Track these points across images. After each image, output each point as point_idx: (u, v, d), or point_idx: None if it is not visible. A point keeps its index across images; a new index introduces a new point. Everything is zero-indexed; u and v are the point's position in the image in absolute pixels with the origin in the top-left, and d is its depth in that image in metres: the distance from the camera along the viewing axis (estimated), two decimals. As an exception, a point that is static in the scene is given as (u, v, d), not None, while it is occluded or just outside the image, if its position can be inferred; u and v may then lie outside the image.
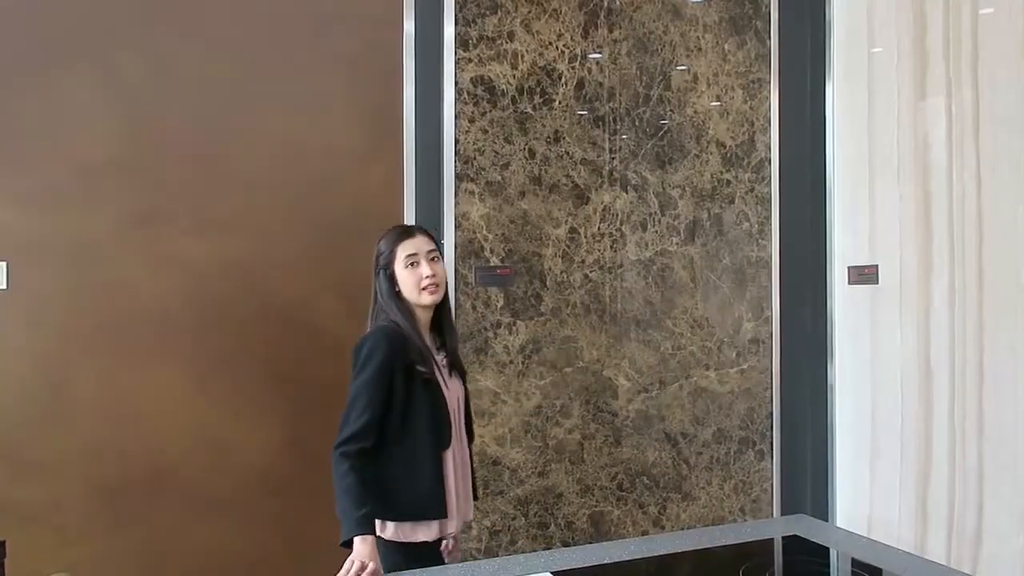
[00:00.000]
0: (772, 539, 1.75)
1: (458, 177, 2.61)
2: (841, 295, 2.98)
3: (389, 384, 1.74)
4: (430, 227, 2.58)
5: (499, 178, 2.66)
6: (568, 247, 2.73)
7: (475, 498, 1.97)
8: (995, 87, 2.41)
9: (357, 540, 1.63)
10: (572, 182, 2.75)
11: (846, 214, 2.97)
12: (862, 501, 2.89)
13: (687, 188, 2.91)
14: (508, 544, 2.63)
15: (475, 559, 2.49)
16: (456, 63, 2.61)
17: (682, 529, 2.86)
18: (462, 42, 2.62)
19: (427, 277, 1.80)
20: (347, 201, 2.54)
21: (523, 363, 2.67)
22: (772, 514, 3.01)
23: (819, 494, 3.04)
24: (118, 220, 2.31)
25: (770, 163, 3.03)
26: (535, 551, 2.11)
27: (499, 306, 2.64)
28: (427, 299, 1.82)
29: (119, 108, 2.32)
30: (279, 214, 2.47)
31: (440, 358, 1.89)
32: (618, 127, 2.81)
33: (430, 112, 2.60)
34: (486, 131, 2.64)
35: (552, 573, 1.52)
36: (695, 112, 2.93)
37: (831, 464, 3.01)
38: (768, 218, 3.03)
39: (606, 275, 2.78)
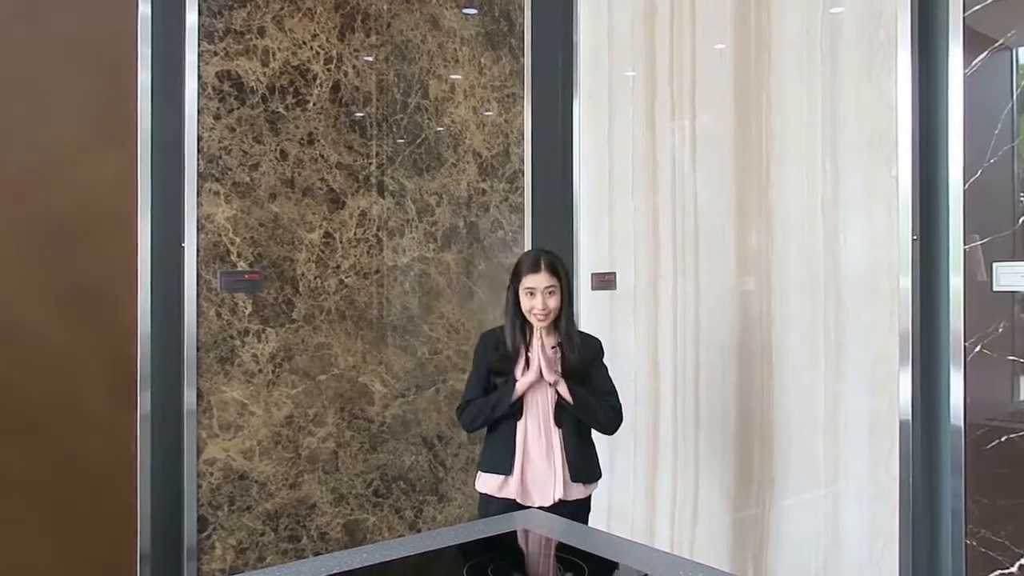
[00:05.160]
0: (499, 535, 1.83)
1: (201, 176, 2.47)
2: (587, 300, 3.19)
3: (486, 370, 2.29)
4: (170, 229, 2.43)
5: (248, 179, 2.54)
6: (323, 252, 2.68)
7: (574, 480, 2.26)
8: (708, 113, 2.71)
9: (519, 384, 2.20)
10: (327, 186, 2.70)
11: (590, 224, 3.19)
12: (603, 492, 3.11)
13: (444, 196, 2.97)
14: (256, 562, 2.51)
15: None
16: (200, 55, 2.46)
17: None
18: (207, 34, 2.48)
19: (539, 310, 2.20)
20: (70, 196, 2.30)
21: (273, 372, 2.57)
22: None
23: (567, 487, 3.23)
24: None
25: (523, 174, 3.18)
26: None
27: (247, 313, 2.53)
28: (535, 324, 2.23)
29: None
30: (-17, 210, 2.18)
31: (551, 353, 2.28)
32: (376, 132, 2.81)
33: (169, 105, 2.43)
34: (233, 129, 2.52)
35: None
36: (452, 122, 3.00)
37: (577, 458, 3.21)
38: (521, 226, 3.17)
39: (362, 281, 2.76)
